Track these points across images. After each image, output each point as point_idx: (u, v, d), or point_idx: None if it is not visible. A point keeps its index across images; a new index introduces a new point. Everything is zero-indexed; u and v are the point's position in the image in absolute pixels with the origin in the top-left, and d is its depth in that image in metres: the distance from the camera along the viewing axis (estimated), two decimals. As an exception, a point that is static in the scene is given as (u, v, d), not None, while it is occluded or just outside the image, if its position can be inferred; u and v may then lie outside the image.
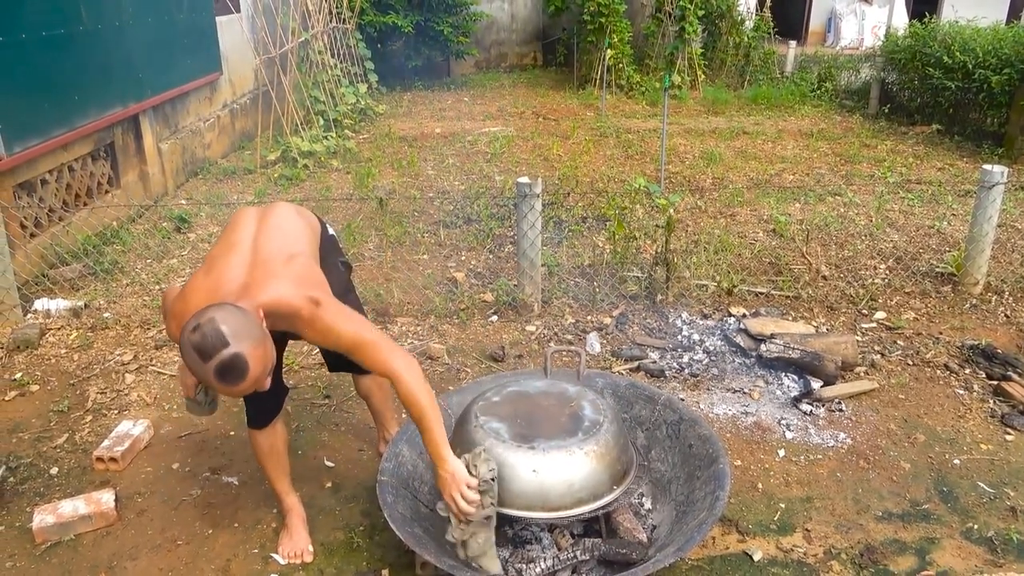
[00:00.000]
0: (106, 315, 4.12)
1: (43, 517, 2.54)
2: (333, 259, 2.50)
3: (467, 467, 2.13)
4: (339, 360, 2.67)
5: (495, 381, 2.73)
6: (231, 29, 7.96)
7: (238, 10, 8.20)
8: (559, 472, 2.20)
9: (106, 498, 2.63)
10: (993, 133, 8.08)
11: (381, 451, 2.81)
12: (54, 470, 2.90)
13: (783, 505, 2.72)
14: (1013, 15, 13.18)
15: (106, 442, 2.96)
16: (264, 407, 2.42)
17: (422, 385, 2.09)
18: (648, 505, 2.57)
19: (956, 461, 2.96)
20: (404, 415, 2.83)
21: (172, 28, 6.53)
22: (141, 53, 5.88)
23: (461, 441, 2.33)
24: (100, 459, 2.88)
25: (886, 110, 9.48)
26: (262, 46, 7.90)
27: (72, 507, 2.58)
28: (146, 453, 3.01)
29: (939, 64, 8.48)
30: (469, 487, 2.09)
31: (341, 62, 9.42)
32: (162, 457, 2.99)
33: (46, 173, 4.75)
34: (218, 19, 7.60)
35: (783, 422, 3.20)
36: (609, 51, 10.63)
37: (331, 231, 2.56)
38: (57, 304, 4.11)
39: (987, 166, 4.19)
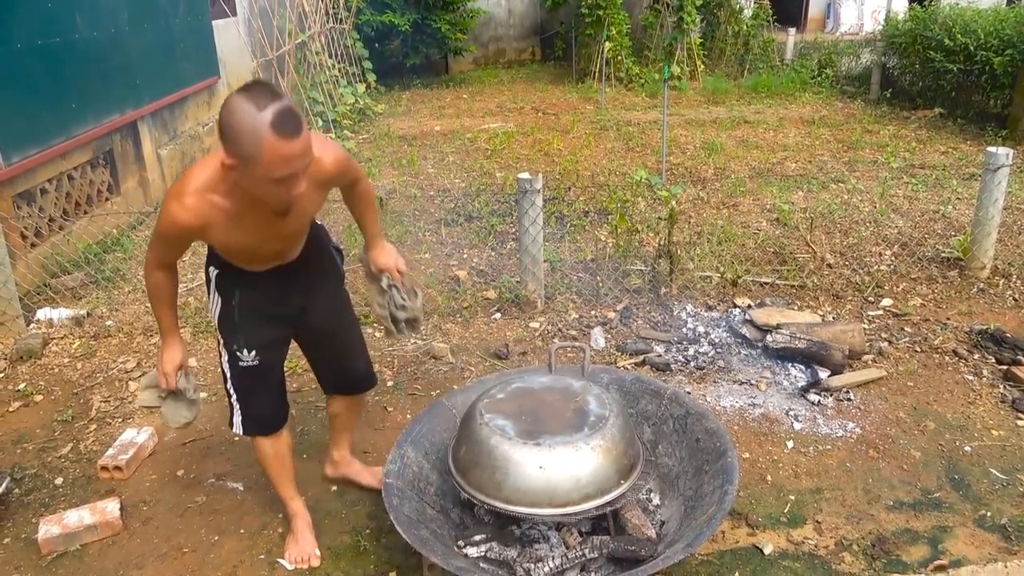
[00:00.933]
0: (108, 323, 4.11)
1: (48, 528, 2.53)
2: (327, 243, 2.48)
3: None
4: (338, 381, 2.60)
5: (499, 379, 2.70)
6: (227, 33, 7.95)
7: (234, 14, 8.19)
8: (566, 467, 2.18)
9: (111, 507, 2.62)
10: (997, 115, 8.02)
11: (328, 473, 2.77)
12: (59, 480, 2.89)
13: (793, 497, 2.69)
14: (1014, -5, 13.07)
15: (110, 451, 2.95)
16: (268, 414, 2.41)
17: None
18: (656, 501, 2.54)
19: (967, 448, 2.93)
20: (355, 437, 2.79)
21: (169, 34, 6.51)
22: (138, 60, 5.87)
23: (467, 440, 2.31)
24: (105, 468, 2.87)
25: (888, 95, 9.41)
26: (259, 49, 7.89)
27: (77, 517, 2.57)
28: (150, 461, 3.00)
29: (940, 47, 8.42)
30: None
31: (339, 62, 9.40)
32: (166, 464, 2.97)
33: (45, 182, 4.74)
34: (215, 23, 7.59)
35: (791, 413, 3.17)
36: (607, 44, 10.59)
37: (319, 220, 2.53)
38: (59, 313, 4.10)
39: (992, 148, 4.14)
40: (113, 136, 5.58)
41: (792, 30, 12.34)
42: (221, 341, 2.31)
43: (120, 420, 3.28)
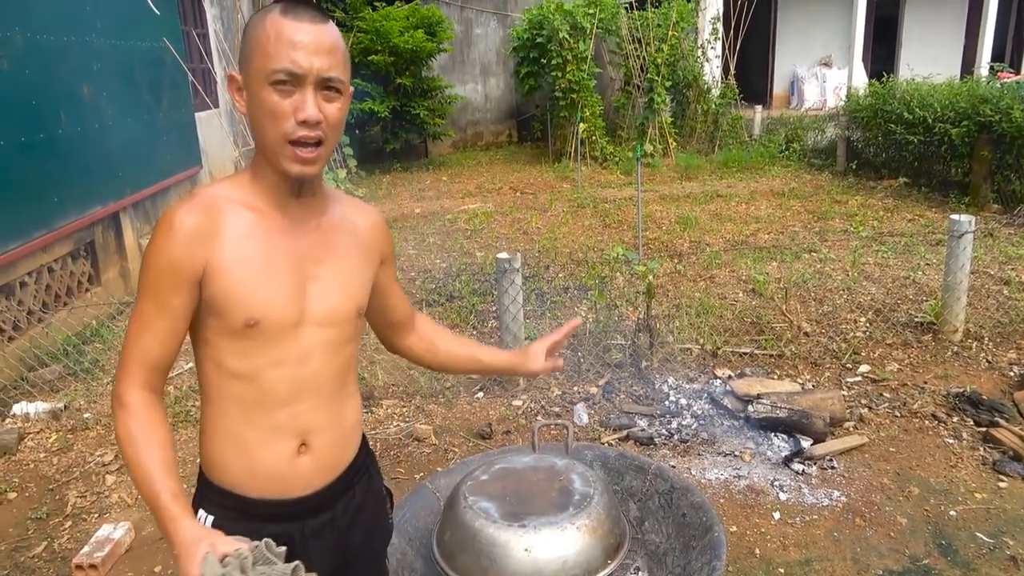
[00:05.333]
0: (86, 415, 4.06)
1: (19, 633, 2.45)
2: (379, 478, 1.96)
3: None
4: None
5: (483, 460, 2.69)
6: (210, 124, 8.14)
7: (217, 105, 8.40)
8: (552, 549, 2.15)
9: (85, 608, 2.54)
10: (958, 183, 8.30)
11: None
12: (31, 581, 2.81)
13: (782, 570, 2.66)
14: (966, 70, 13.72)
15: (86, 548, 2.87)
16: None
17: None
18: (645, 579, 2.50)
19: (952, 512, 2.93)
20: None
21: (152, 127, 6.66)
22: (121, 153, 5.98)
23: (452, 524, 2.28)
24: (79, 567, 2.79)
25: (853, 166, 9.74)
26: (241, 139, 8.07)
27: (50, 620, 2.49)
28: (127, 557, 2.92)
29: (900, 120, 8.77)
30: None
31: (320, 150, 9.59)
32: (144, 560, 2.90)
33: (25, 275, 4.75)
34: (197, 115, 7.78)
35: (776, 483, 3.16)
36: (582, 125, 10.94)
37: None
38: (36, 407, 4.04)
39: (955, 216, 4.29)
40: (95, 227, 5.63)
41: (759, 107, 12.81)
42: None
43: (96, 515, 3.20)
